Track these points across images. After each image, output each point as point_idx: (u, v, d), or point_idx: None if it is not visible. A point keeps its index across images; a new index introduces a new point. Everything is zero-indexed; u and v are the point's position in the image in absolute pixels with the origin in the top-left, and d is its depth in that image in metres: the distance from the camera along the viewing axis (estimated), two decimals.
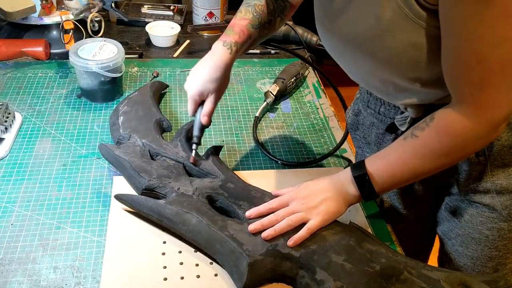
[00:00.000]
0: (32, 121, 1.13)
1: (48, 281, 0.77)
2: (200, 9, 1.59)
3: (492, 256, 0.91)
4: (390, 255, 0.76)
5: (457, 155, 0.75)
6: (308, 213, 0.79)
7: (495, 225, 0.88)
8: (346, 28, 0.74)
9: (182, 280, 0.77)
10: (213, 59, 0.88)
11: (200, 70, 0.89)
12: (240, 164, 1.05)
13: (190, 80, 0.91)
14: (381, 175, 0.78)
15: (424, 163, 0.75)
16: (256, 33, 0.92)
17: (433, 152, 0.73)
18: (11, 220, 0.87)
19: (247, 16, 0.90)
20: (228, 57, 0.88)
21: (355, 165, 0.81)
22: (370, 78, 0.82)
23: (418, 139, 0.74)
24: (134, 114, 1.06)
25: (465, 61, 0.64)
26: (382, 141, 0.98)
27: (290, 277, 0.76)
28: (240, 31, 0.89)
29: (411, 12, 0.65)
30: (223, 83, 0.91)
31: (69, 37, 1.32)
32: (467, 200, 0.90)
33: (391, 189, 0.79)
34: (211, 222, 0.80)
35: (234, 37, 0.89)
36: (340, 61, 0.85)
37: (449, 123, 0.71)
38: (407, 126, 0.85)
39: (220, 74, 0.88)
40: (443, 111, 0.72)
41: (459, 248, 0.95)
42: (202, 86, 0.89)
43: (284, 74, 1.28)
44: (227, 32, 0.90)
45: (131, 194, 0.89)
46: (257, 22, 0.91)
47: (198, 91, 0.89)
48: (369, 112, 0.97)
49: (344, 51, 0.80)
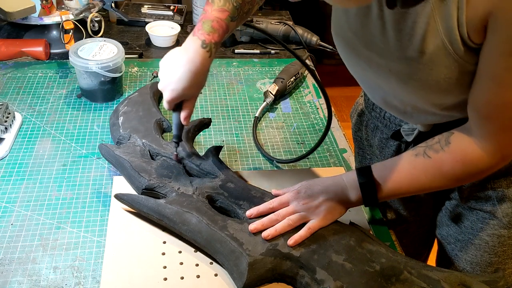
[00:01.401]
0: (32, 121, 1.13)
1: (48, 281, 0.77)
2: (200, 9, 1.59)
3: (491, 261, 0.91)
4: (390, 255, 0.76)
5: (466, 181, 0.79)
6: (309, 213, 0.79)
7: (495, 231, 0.88)
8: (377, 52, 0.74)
9: (182, 280, 0.77)
10: (192, 63, 0.81)
11: (177, 73, 0.82)
12: (240, 164, 1.05)
13: (167, 81, 0.83)
14: (387, 185, 0.78)
15: (433, 183, 0.76)
16: (233, 25, 0.85)
17: (444, 175, 0.75)
18: (11, 220, 0.87)
19: (226, 7, 0.82)
20: (208, 61, 0.82)
21: (361, 170, 0.80)
22: (389, 98, 0.82)
23: (431, 160, 0.75)
24: (134, 114, 1.06)
25: (498, 105, 0.67)
26: (385, 146, 0.97)
27: (290, 276, 0.76)
28: (219, 28, 0.81)
29: (454, 50, 0.65)
30: (201, 86, 0.86)
31: (69, 37, 1.32)
32: (468, 207, 0.90)
33: (393, 198, 0.81)
34: (211, 222, 0.80)
35: (213, 36, 0.81)
36: (357, 75, 0.85)
37: (465, 152, 0.73)
38: (413, 137, 0.85)
39: (199, 80, 0.83)
40: (460, 138, 0.73)
41: (458, 253, 0.95)
42: (181, 93, 0.83)
43: (283, 74, 1.28)
44: (205, 26, 0.81)
45: (131, 194, 0.88)
46: (236, 14, 0.83)
47: (176, 98, 0.84)
48: (374, 115, 0.97)
49: (367, 69, 0.79)
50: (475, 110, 0.71)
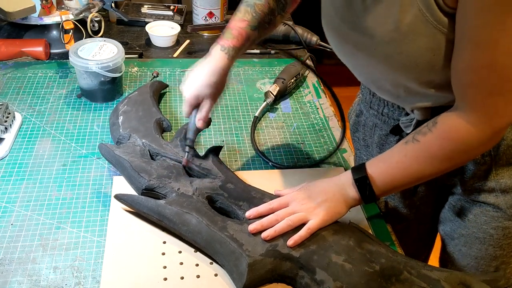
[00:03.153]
0: (32, 121, 1.13)
1: (48, 281, 0.77)
2: (200, 9, 1.59)
3: (496, 255, 0.91)
4: (390, 255, 0.76)
5: (458, 161, 0.75)
6: (308, 214, 0.79)
7: (500, 224, 0.88)
8: (361, 32, 0.74)
9: (182, 280, 0.77)
10: (211, 64, 0.88)
11: (197, 74, 0.89)
12: (240, 164, 1.05)
13: (187, 83, 0.90)
14: (381, 178, 0.78)
15: (425, 167, 0.75)
16: (255, 34, 0.90)
17: (434, 157, 0.74)
18: (11, 220, 0.87)
19: (246, 17, 0.89)
20: (226, 62, 0.87)
21: (356, 167, 0.81)
22: (381, 82, 0.82)
23: (419, 143, 0.74)
24: (134, 113, 1.06)
25: (479, 68, 0.64)
26: (385, 143, 0.97)
27: (290, 277, 0.76)
28: (238, 35, 0.88)
29: (432, 17, 0.64)
30: (220, 88, 0.90)
31: (69, 37, 1.32)
32: (471, 200, 0.90)
33: (392, 192, 0.80)
34: (211, 223, 0.80)
35: (232, 41, 0.88)
36: (350, 64, 0.85)
37: (452, 128, 0.71)
38: (412, 128, 0.85)
39: (216, 79, 0.87)
40: (446, 116, 0.72)
41: (462, 248, 0.95)
42: (199, 90, 0.88)
43: (284, 74, 1.28)
44: (225, 35, 0.89)
45: (131, 194, 0.89)
46: (256, 23, 0.89)
47: (194, 95, 0.89)
48: (372, 113, 0.97)
49: (356, 54, 0.79)
50: (456, 80, 0.69)
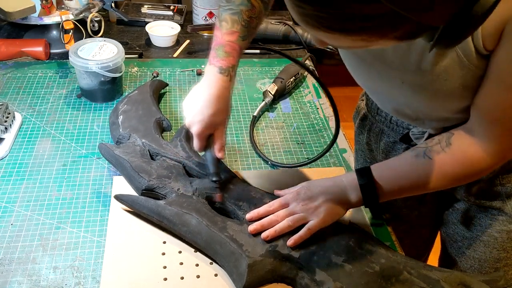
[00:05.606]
0: (32, 121, 1.13)
1: (48, 281, 0.77)
2: (200, 9, 1.59)
3: (500, 257, 0.91)
4: (390, 256, 0.76)
5: (467, 180, 0.79)
6: (308, 214, 0.79)
7: (504, 227, 0.88)
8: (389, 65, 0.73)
9: (182, 280, 0.77)
10: (212, 90, 0.82)
11: (200, 103, 0.82)
12: (240, 164, 1.05)
13: (192, 115, 0.83)
14: (388, 186, 0.78)
15: (434, 183, 0.76)
16: (245, 44, 0.85)
17: (445, 176, 0.75)
18: (11, 220, 0.87)
19: (235, 28, 0.82)
20: (228, 85, 0.83)
21: (361, 171, 0.80)
22: (401, 107, 0.82)
23: (431, 161, 0.75)
24: (133, 113, 1.06)
25: (507, 109, 0.67)
26: (392, 150, 0.97)
27: (290, 278, 0.76)
28: (232, 51, 0.82)
29: (468, 61, 0.65)
30: (227, 111, 0.86)
31: (69, 37, 1.32)
32: (475, 204, 0.90)
33: (393, 198, 0.80)
34: (211, 223, 0.80)
35: (228, 60, 0.82)
36: (367, 87, 0.84)
37: (467, 154, 0.73)
38: (423, 140, 0.85)
39: (222, 104, 0.83)
40: (461, 139, 0.73)
41: (466, 250, 0.95)
42: (209, 121, 0.82)
43: (283, 74, 1.28)
44: (218, 53, 0.82)
45: (131, 195, 0.88)
46: (246, 32, 0.83)
47: (205, 128, 0.83)
48: (379, 119, 0.96)
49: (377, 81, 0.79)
50: (481, 113, 0.71)
